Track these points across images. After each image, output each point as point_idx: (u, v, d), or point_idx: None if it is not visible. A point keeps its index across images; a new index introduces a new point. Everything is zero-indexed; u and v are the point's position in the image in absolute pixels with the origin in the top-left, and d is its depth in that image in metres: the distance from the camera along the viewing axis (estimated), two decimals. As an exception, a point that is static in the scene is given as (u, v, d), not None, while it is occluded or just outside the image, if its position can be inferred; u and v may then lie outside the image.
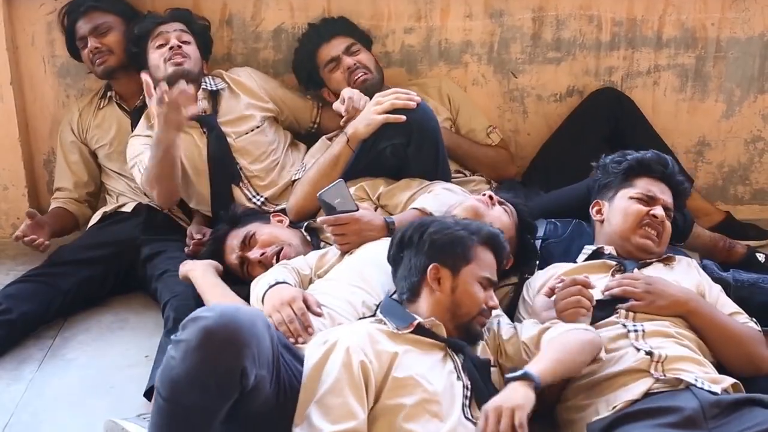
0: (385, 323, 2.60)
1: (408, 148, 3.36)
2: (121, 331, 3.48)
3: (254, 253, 3.27)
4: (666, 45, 4.07)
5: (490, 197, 3.13)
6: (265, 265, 3.22)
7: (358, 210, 3.08)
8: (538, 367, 2.43)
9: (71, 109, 4.03)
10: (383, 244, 2.90)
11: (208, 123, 3.72)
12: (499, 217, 3.09)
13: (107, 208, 3.89)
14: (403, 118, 3.28)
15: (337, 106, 3.56)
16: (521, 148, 4.21)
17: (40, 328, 3.46)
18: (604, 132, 3.98)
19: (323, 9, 3.96)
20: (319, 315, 2.78)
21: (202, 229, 3.69)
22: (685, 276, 2.98)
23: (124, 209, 3.86)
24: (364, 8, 3.99)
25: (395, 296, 2.74)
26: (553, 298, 2.82)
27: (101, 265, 3.63)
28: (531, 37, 4.05)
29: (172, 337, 2.37)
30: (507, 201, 3.18)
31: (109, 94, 3.96)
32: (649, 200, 3.10)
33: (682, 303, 2.80)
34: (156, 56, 3.68)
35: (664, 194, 3.13)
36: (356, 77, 3.79)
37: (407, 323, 2.57)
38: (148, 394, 2.94)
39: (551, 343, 2.55)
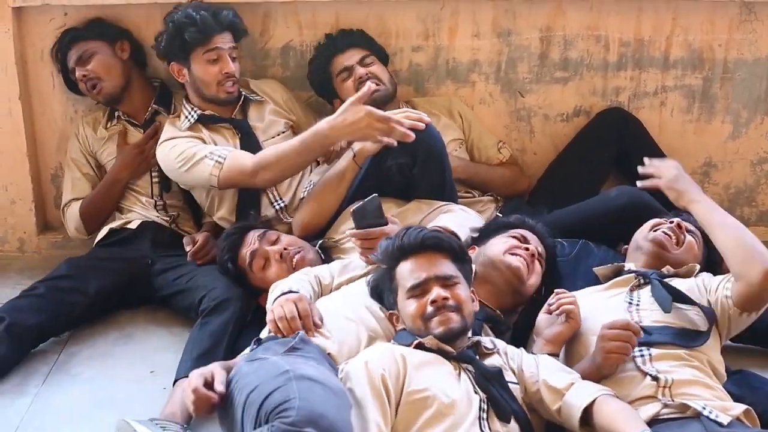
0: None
1: (413, 168, 3.37)
2: (127, 347, 3.47)
3: (276, 247, 3.31)
4: (673, 66, 4.08)
5: (532, 255, 3.10)
6: (285, 260, 3.26)
7: (387, 224, 3.08)
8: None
9: (78, 125, 4.03)
10: None
11: (241, 126, 3.76)
12: (534, 284, 3.09)
13: (114, 224, 3.88)
14: (412, 136, 3.29)
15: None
16: (528, 167, 4.20)
17: (46, 342, 3.46)
18: (611, 152, 3.99)
19: (331, 27, 3.97)
20: (317, 327, 2.78)
21: (194, 238, 3.69)
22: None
23: (129, 226, 3.86)
24: (372, 26, 3.99)
25: None
26: (554, 314, 2.84)
27: (111, 279, 3.62)
28: (538, 57, 4.06)
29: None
30: (545, 246, 3.19)
31: (116, 113, 3.96)
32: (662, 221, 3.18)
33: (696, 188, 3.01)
34: (209, 74, 3.67)
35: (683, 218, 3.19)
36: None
37: (410, 341, 2.61)
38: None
39: (625, 416, 2.50)
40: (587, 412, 2.51)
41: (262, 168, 3.50)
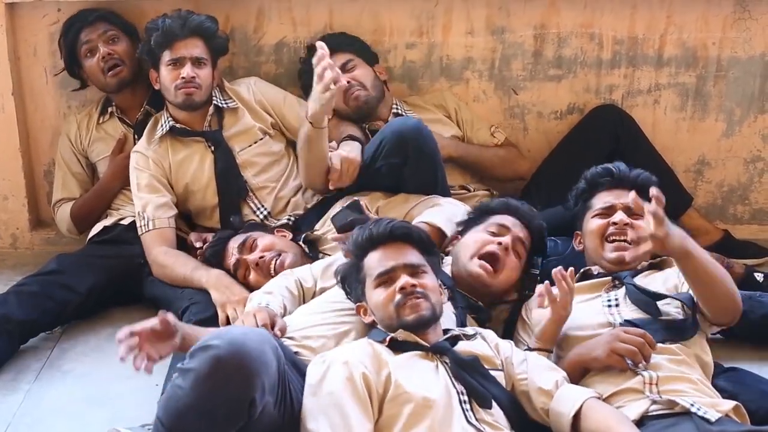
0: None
1: (404, 168, 3.38)
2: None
3: (253, 256, 3.31)
4: (667, 64, 4.08)
5: (506, 249, 3.02)
6: (261, 268, 3.25)
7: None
8: None
9: (69, 121, 4.02)
10: None
11: (214, 139, 3.73)
12: (506, 280, 3.03)
13: (107, 222, 3.87)
14: (344, 83, 3.40)
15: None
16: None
17: (38, 338, 3.46)
18: (604, 150, 3.98)
19: (325, 24, 3.98)
20: (277, 337, 2.75)
21: (201, 236, 3.69)
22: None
23: (122, 222, 3.84)
24: (365, 23, 4.00)
25: None
26: (543, 307, 2.83)
27: (103, 277, 3.62)
28: (532, 54, 4.06)
29: (179, 365, 2.35)
30: (530, 229, 3.13)
31: (110, 109, 3.95)
32: (607, 211, 3.06)
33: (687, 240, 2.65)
34: (168, 79, 3.64)
35: (622, 197, 3.05)
36: (351, 94, 3.79)
37: (382, 338, 2.60)
38: None
39: (615, 422, 2.49)
40: (575, 417, 2.52)
41: (157, 266, 3.56)
